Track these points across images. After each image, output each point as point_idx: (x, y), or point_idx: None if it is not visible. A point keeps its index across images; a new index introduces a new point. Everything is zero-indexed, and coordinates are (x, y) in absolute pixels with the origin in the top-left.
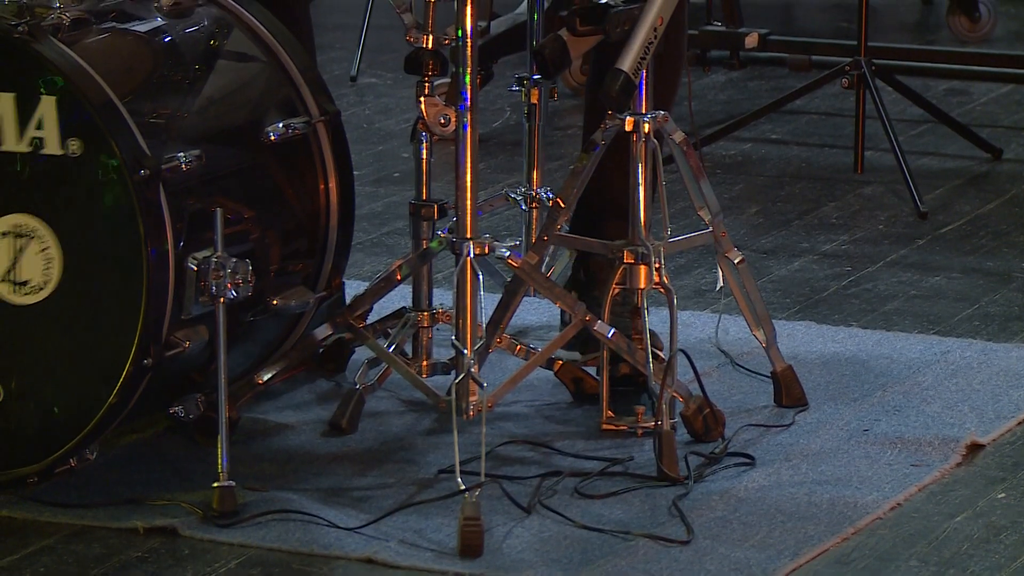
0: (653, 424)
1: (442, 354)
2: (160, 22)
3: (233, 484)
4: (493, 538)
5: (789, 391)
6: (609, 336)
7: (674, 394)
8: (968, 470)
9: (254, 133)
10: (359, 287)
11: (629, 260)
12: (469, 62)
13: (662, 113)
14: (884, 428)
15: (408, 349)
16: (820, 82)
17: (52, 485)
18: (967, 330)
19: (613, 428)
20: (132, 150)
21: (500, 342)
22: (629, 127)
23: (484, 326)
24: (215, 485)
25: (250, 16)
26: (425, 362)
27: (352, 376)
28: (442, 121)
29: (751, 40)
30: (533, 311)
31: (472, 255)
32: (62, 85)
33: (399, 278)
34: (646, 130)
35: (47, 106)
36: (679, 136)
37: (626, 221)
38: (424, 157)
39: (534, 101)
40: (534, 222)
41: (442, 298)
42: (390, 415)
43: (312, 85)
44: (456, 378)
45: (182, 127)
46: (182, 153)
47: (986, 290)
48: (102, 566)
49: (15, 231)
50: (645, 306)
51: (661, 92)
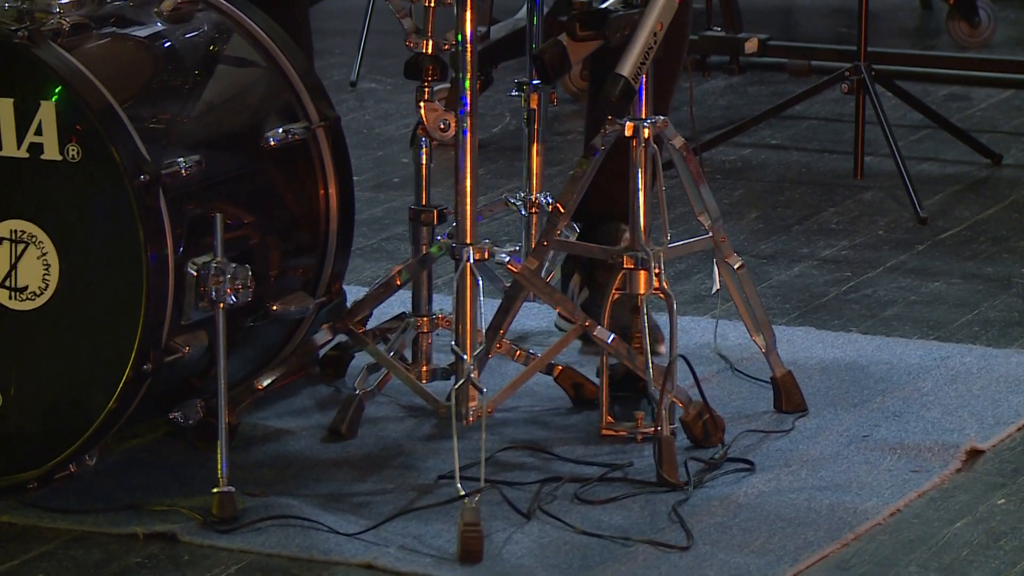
0: (653, 430)
1: (442, 359)
2: (160, 27)
3: (233, 490)
4: (493, 544)
5: (789, 397)
6: (609, 341)
7: (674, 399)
8: (968, 476)
9: (254, 138)
10: (359, 292)
11: (629, 265)
12: (469, 67)
13: (662, 118)
14: (884, 434)
15: (408, 354)
16: (820, 87)
17: (52, 490)
18: (967, 336)
19: (613, 433)
20: (132, 155)
21: (500, 347)
22: (629, 132)
23: (484, 331)
24: (215, 491)
25: (250, 21)
26: (425, 367)
27: (352, 381)
28: (442, 126)
29: (751, 45)
30: (533, 316)
31: (472, 260)
32: (61, 90)
33: (399, 283)
34: (646, 135)
35: (46, 111)
36: (679, 141)
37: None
38: (424, 162)
39: (534, 106)
40: (534, 227)
41: (442, 303)
42: (390, 421)
43: (312, 90)
44: (456, 383)
45: (182, 132)
46: (182, 158)
47: (986, 296)
48: (102, 572)
49: (13, 237)
50: (645, 312)
51: (659, 97)
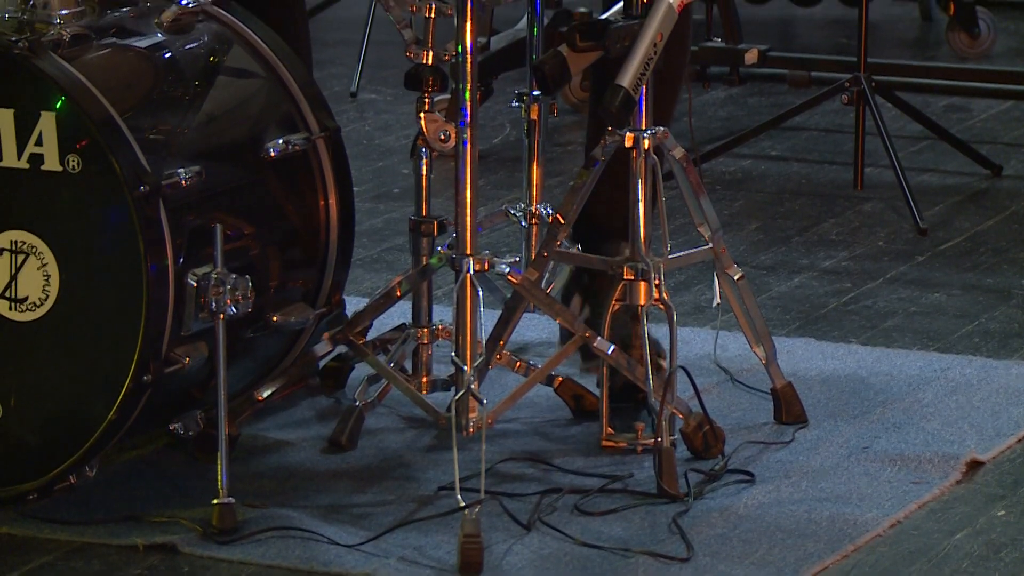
0: (653, 441)
1: (442, 371)
2: (160, 38)
3: (233, 501)
4: (493, 555)
5: (789, 408)
6: (609, 352)
7: (674, 411)
8: (968, 487)
9: (254, 149)
10: (359, 303)
11: (629, 276)
12: (469, 78)
13: (662, 129)
14: (884, 445)
15: (408, 366)
16: (820, 98)
17: (52, 502)
18: (967, 347)
19: (613, 445)
20: (132, 166)
21: (500, 358)
22: (629, 143)
23: (484, 342)
24: (215, 502)
25: (250, 32)
26: (425, 378)
27: (352, 393)
28: (442, 137)
29: (751, 56)
30: (533, 327)
31: (472, 271)
32: (62, 101)
33: (399, 294)
34: (646, 146)
35: (47, 122)
36: (679, 152)
37: (626, 238)
38: (424, 173)
39: (534, 117)
40: (534, 238)
41: (442, 314)
42: (390, 432)
43: (312, 101)
44: (456, 395)
45: (182, 143)
46: (182, 169)
47: (986, 307)
48: None
49: (13, 247)
50: (645, 322)
51: (659, 108)
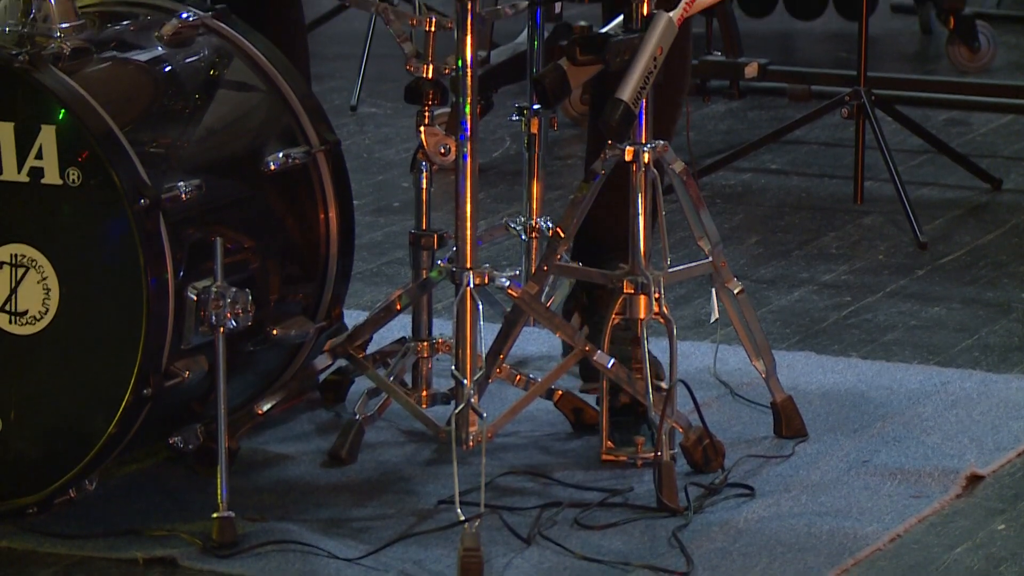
0: (653, 455)
1: (442, 384)
2: (161, 51)
3: (232, 515)
4: (493, 569)
5: (789, 422)
6: (609, 367)
7: (674, 424)
8: (968, 501)
9: (254, 162)
10: (359, 317)
11: (629, 290)
12: (469, 92)
13: (662, 143)
14: (884, 459)
15: (408, 379)
16: (820, 112)
17: (52, 515)
18: (967, 361)
19: (613, 459)
20: (132, 180)
21: (500, 372)
22: (629, 157)
23: (484, 356)
24: (215, 516)
25: (250, 45)
26: (425, 392)
27: (352, 406)
28: (442, 151)
29: (751, 70)
30: (533, 341)
31: (472, 285)
32: (62, 115)
33: (399, 308)
34: (646, 160)
35: (47, 135)
36: (679, 166)
37: (626, 252)
38: (424, 187)
39: (534, 131)
40: (534, 252)
41: (442, 328)
42: (390, 445)
43: (312, 114)
44: (456, 408)
45: (182, 157)
46: (182, 183)
47: (986, 321)
48: None
49: (13, 261)
50: (645, 337)
51: (660, 122)
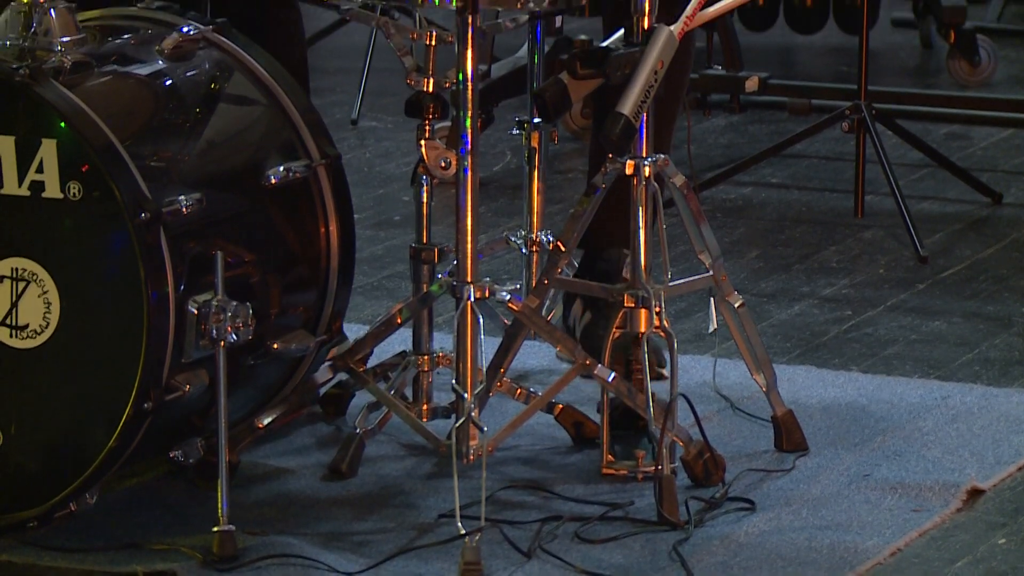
0: (654, 468)
1: (442, 398)
2: (161, 65)
3: (233, 528)
4: None
5: (789, 436)
6: (609, 380)
7: (674, 438)
8: (969, 515)
9: (255, 176)
10: (359, 330)
11: (630, 304)
12: (470, 105)
13: (663, 156)
14: (884, 473)
15: (408, 393)
16: (820, 126)
17: (52, 529)
18: (967, 375)
19: (613, 472)
20: (133, 193)
21: (500, 386)
22: (630, 170)
23: (484, 370)
24: (215, 529)
25: (251, 59)
26: (425, 406)
27: (352, 420)
28: (443, 164)
29: (751, 84)
30: (533, 355)
31: (472, 299)
32: (63, 128)
33: (399, 321)
34: (647, 174)
35: (48, 149)
36: (680, 180)
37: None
38: (425, 200)
39: (534, 144)
40: (534, 265)
41: (442, 342)
42: (390, 459)
43: (313, 128)
44: (456, 422)
45: (183, 170)
46: (183, 196)
47: (986, 335)
48: None
49: (14, 275)
50: (646, 351)
51: (657, 135)
